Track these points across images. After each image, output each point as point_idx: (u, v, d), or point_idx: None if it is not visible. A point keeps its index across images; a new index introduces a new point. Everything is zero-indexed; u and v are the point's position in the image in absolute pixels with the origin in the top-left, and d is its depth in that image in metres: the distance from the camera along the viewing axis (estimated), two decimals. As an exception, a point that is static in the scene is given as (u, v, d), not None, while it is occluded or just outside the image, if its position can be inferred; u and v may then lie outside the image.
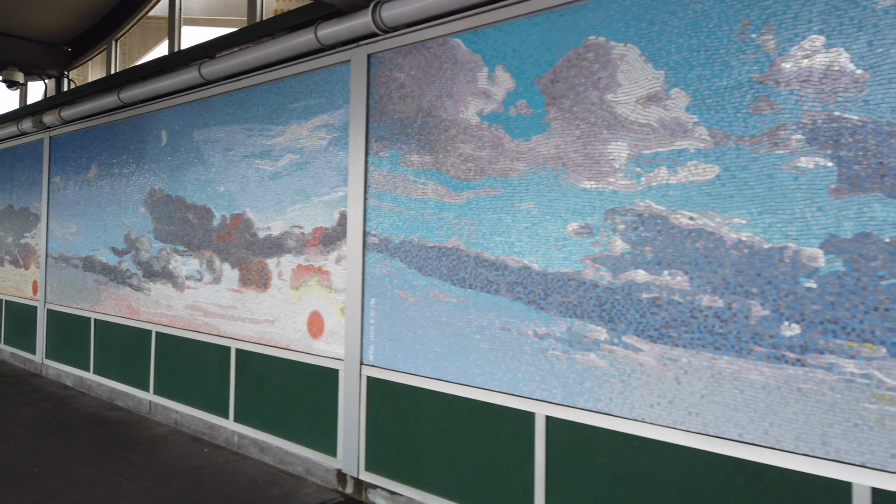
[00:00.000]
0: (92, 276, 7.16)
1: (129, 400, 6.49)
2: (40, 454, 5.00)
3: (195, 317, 5.73)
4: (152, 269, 6.27)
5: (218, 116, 5.58)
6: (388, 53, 4.20)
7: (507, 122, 3.55)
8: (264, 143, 5.12)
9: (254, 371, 5.13)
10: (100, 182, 7.11)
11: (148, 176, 6.39)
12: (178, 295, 5.94)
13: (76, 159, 7.55)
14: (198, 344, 5.68)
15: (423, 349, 3.92)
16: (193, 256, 5.77)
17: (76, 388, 7.33)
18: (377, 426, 4.17)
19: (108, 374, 6.84)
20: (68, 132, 7.72)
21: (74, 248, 7.51)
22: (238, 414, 5.24)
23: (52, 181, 8.00)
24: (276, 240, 4.97)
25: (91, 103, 7.01)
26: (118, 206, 6.80)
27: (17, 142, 8.80)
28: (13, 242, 8.88)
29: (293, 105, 4.88)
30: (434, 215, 3.89)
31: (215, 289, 5.52)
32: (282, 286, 4.91)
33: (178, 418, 5.87)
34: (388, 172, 4.17)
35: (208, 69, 5.44)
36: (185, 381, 5.81)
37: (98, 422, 5.99)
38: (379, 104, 4.25)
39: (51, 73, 8.20)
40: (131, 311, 6.54)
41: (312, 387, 4.63)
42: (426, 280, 3.92)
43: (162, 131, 6.24)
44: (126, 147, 6.72)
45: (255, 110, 5.21)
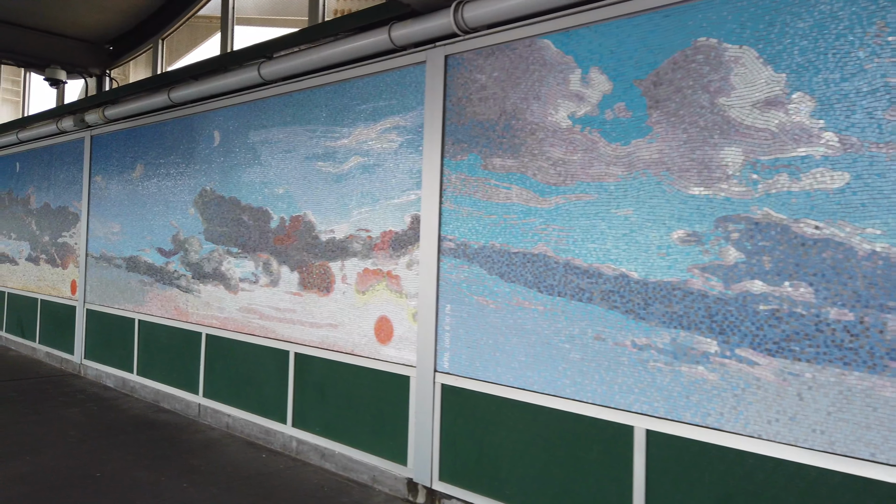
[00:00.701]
0: (136, 277, 7.10)
1: (176, 402, 6.42)
2: (98, 457, 4.93)
3: (250, 320, 5.65)
4: (203, 270, 6.20)
5: (276, 117, 5.50)
6: (468, 55, 4.11)
7: (602, 125, 3.45)
8: (328, 144, 5.03)
9: (314, 376, 5.04)
10: (145, 182, 7.05)
11: (198, 176, 6.32)
12: (230, 297, 5.86)
13: (119, 158, 7.50)
14: (252, 347, 5.60)
15: (506, 357, 3.82)
16: (248, 258, 5.70)
17: (118, 389, 7.27)
18: (452, 435, 4.07)
19: (153, 376, 6.77)
20: (111, 131, 7.67)
21: (117, 247, 7.46)
22: (297, 419, 5.16)
23: (94, 180, 7.96)
24: (340, 243, 4.89)
25: (138, 102, 6.96)
26: (165, 206, 6.74)
27: (55, 140, 8.77)
28: (50, 241, 8.85)
29: (360, 107, 4.79)
30: (519, 220, 3.79)
31: (272, 292, 5.44)
32: (346, 290, 4.82)
33: (229, 422, 5.79)
34: (466, 176, 4.08)
35: (268, 69, 5.37)
36: (238, 385, 5.73)
37: (147, 424, 5.92)
38: (457, 106, 4.15)
39: (92, 72, 8.16)
40: (179, 313, 6.48)
41: (380, 393, 4.53)
42: (509, 287, 3.82)
43: (214, 131, 6.17)
44: (175, 147, 6.66)
45: (318, 112, 5.13)
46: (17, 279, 9.66)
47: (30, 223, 9.38)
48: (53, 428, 5.68)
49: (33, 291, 9.17)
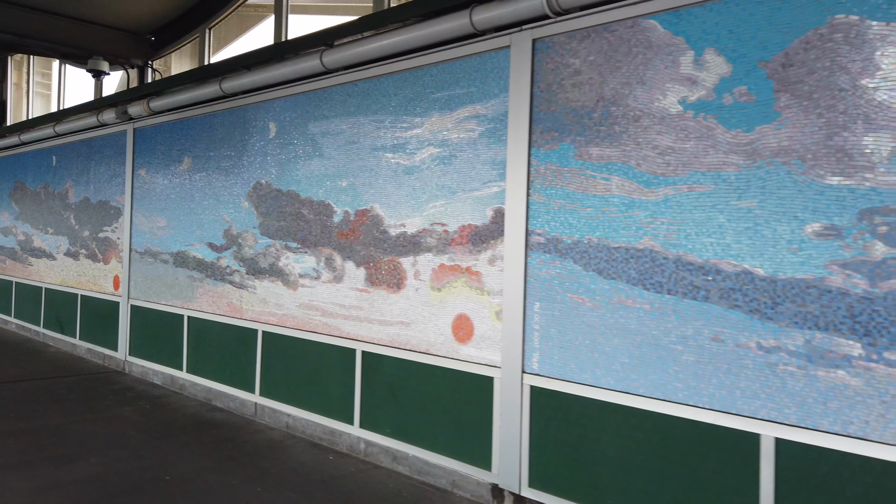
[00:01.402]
0: (184, 272, 6.96)
1: (230, 401, 6.28)
2: (163, 459, 4.79)
3: (311, 317, 5.48)
4: (258, 266, 6.04)
5: (339, 107, 5.31)
6: (559, 38, 3.89)
7: (719, 110, 3.22)
8: (397, 135, 4.83)
9: (384, 375, 4.86)
10: (194, 175, 6.90)
11: (253, 169, 6.15)
12: (289, 293, 5.70)
13: (165, 151, 7.35)
14: (314, 345, 5.43)
15: (605, 359, 3.61)
16: (309, 254, 5.52)
17: (167, 386, 7.15)
18: (543, 440, 3.88)
19: (204, 374, 6.64)
20: (155, 123, 7.52)
21: (163, 242, 7.32)
22: (365, 420, 4.99)
23: (137, 174, 7.82)
24: (411, 238, 4.70)
25: (185, 94, 6.79)
26: (216, 199, 6.58)
27: (95, 133, 8.64)
28: (90, 236, 8.74)
29: (434, 95, 4.58)
30: (620, 213, 3.57)
31: (336, 288, 5.26)
32: (419, 287, 4.63)
33: (289, 422, 5.63)
34: (557, 167, 3.86)
35: (331, 57, 5.17)
36: (299, 384, 5.57)
37: (204, 423, 5.78)
38: (546, 93, 3.93)
39: (135, 63, 8.01)
40: (232, 310, 6.32)
41: (459, 395, 4.35)
42: (608, 284, 3.61)
43: (270, 123, 5.99)
44: (226, 139, 6.49)
45: (386, 101, 4.93)
46: (54, 274, 9.58)
47: (68, 218, 9.28)
48: (112, 427, 5.55)
49: (73, 287, 9.08)
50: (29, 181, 10.51)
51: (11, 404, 6.17)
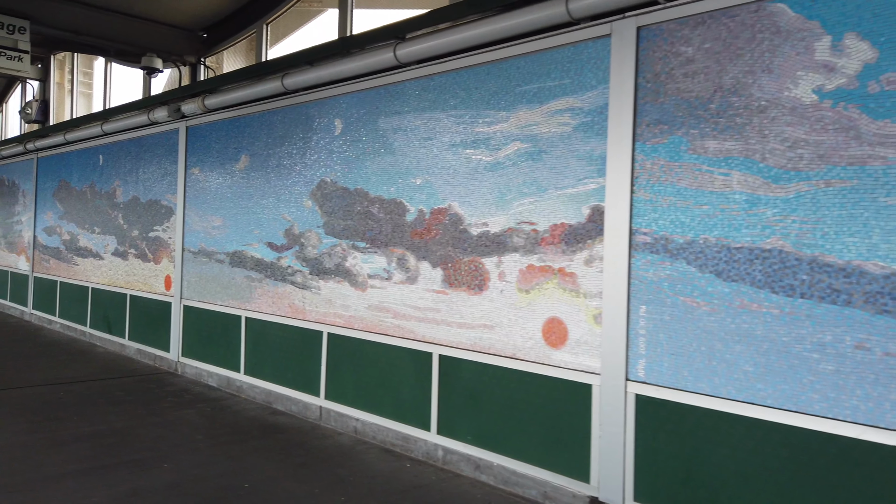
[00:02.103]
0: (242, 273, 6.84)
1: (293, 404, 6.14)
2: (238, 466, 4.64)
3: (381, 319, 5.31)
4: (322, 266, 5.88)
5: (413, 102, 5.13)
6: (668, 25, 3.66)
7: (863, 99, 2.98)
8: (479, 130, 4.64)
9: (464, 380, 4.67)
10: (252, 173, 6.77)
11: (316, 167, 6.00)
12: (357, 294, 5.53)
13: (221, 150, 7.24)
14: (385, 348, 5.26)
15: (725, 367, 3.38)
16: (379, 254, 5.35)
17: (222, 388, 7.03)
18: (651, 452, 3.66)
19: (264, 376, 6.50)
20: (210, 121, 7.41)
21: (219, 242, 7.21)
22: (442, 426, 4.80)
23: (190, 172, 7.72)
24: (495, 237, 4.50)
25: (243, 90, 6.67)
26: (276, 198, 6.44)
27: (145, 132, 8.57)
28: (139, 236, 8.67)
29: (521, 88, 4.38)
30: (742, 211, 3.34)
31: (410, 289, 5.08)
32: (504, 288, 4.43)
33: (358, 426, 5.47)
34: (666, 161, 3.64)
35: (406, 51, 4.99)
36: (368, 387, 5.40)
37: (269, 428, 5.64)
38: (653, 83, 3.71)
39: (187, 60, 7.92)
40: (294, 311, 6.18)
41: (552, 402, 4.14)
42: (728, 286, 3.37)
43: (335, 119, 5.83)
44: (287, 137, 6.35)
45: (465, 95, 4.74)
46: (102, 274, 9.54)
47: (116, 217, 9.23)
48: (177, 431, 5.43)
49: (121, 287, 9.02)
50: (74, 181, 10.51)
51: (72, 406, 6.09)
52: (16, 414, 5.76)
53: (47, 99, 11.70)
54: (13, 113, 15.32)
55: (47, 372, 7.58)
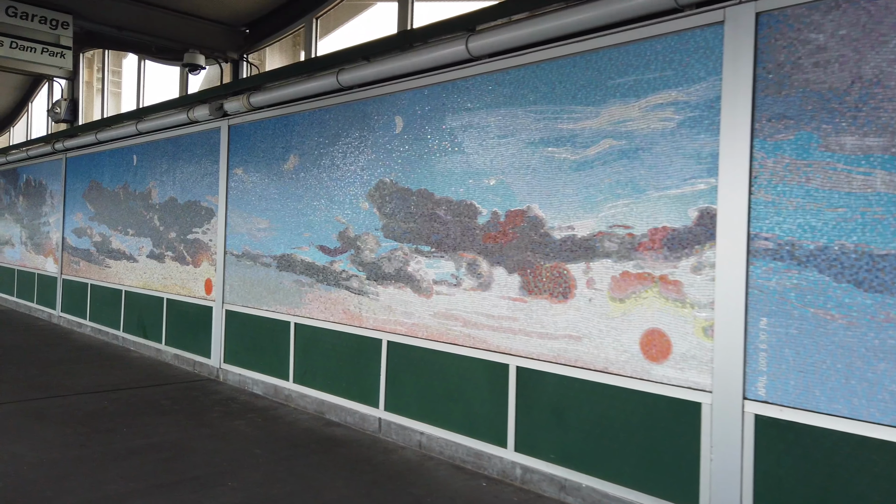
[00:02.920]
0: (291, 277, 6.57)
1: (348, 415, 5.86)
2: (305, 484, 4.37)
3: (449, 327, 5.02)
4: (381, 271, 5.60)
5: (485, 98, 4.83)
6: (794, 10, 3.34)
7: None
8: (563, 127, 4.34)
9: (546, 394, 4.37)
10: (301, 174, 6.50)
11: (374, 167, 5.72)
12: (421, 301, 5.24)
13: (267, 149, 6.98)
14: (454, 358, 4.97)
15: (866, 387, 3.06)
16: (446, 258, 5.06)
17: (269, 397, 6.77)
18: (774, 479, 3.34)
19: (315, 385, 6.23)
20: (254, 120, 7.16)
21: (265, 245, 6.95)
22: (521, 443, 4.50)
23: (233, 173, 7.47)
24: (583, 242, 4.19)
25: (293, 87, 6.40)
26: (329, 200, 6.17)
27: (183, 131, 8.34)
28: (177, 238, 8.43)
29: (614, 81, 4.08)
30: (889, 214, 3.02)
31: (482, 296, 4.79)
32: (594, 297, 4.12)
33: (423, 441, 5.18)
34: (792, 160, 3.32)
35: (478, 43, 4.70)
36: (434, 400, 5.11)
37: (326, 440, 5.36)
38: (776, 74, 3.39)
39: (230, 57, 7.68)
40: (349, 317, 5.90)
41: (651, 420, 3.83)
42: (871, 298, 3.05)
43: (396, 117, 5.55)
44: (341, 135, 6.08)
45: (547, 89, 4.44)
46: (136, 277, 9.32)
47: (151, 219, 9.01)
48: (232, 444, 5.17)
49: (157, 290, 8.79)
50: (106, 181, 10.30)
51: (119, 416, 5.84)
52: (64, 424, 5.51)
53: (76, 98, 11.52)
54: (38, 112, 15.20)
55: (86, 378, 7.35)
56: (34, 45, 6.60)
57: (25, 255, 13.34)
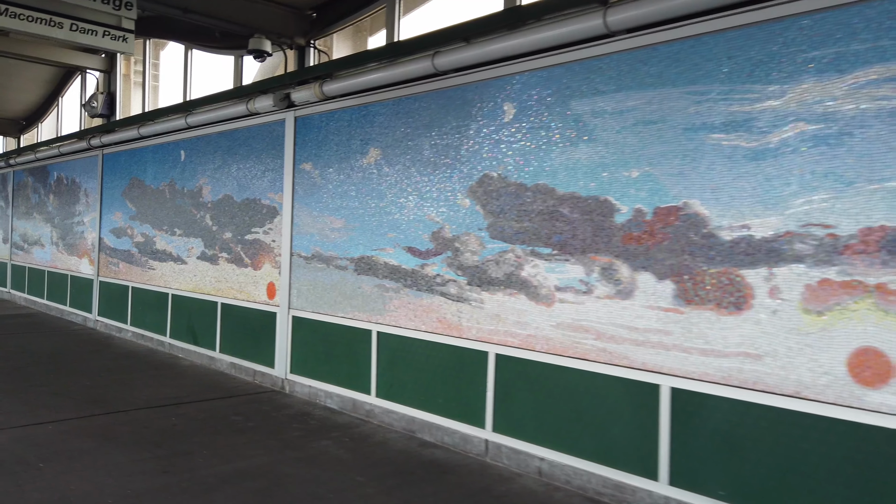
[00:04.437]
0: (372, 281, 6.00)
1: (445, 435, 5.28)
2: (431, 523, 3.80)
3: (577, 340, 4.43)
4: (486, 275, 5.02)
5: (625, 79, 4.24)
6: None
7: None
8: (734, 110, 3.74)
9: (712, 421, 3.77)
10: (384, 168, 5.93)
11: (476, 160, 5.14)
12: (539, 310, 4.66)
13: (341, 142, 6.41)
14: (583, 375, 4.38)
15: None
16: (572, 262, 4.47)
17: (347, 412, 6.20)
18: None
19: (403, 400, 5.65)
20: (326, 110, 6.59)
21: (339, 246, 6.38)
22: (677, 475, 3.90)
23: (300, 168, 6.91)
24: (762, 243, 3.59)
25: (376, 74, 5.83)
26: (419, 196, 5.59)
27: (240, 124, 7.79)
28: (233, 238, 7.88)
29: (807, 54, 3.47)
30: None
31: (621, 306, 4.20)
32: (779, 308, 3.52)
33: (543, 467, 4.59)
34: None
35: (622, 16, 4.09)
36: (558, 421, 4.52)
37: (430, 465, 4.79)
38: None
39: (297, 42, 7.11)
40: (446, 326, 5.32)
41: (864, 456, 3.22)
42: None
43: (505, 104, 4.96)
44: (433, 126, 5.50)
45: (712, 66, 3.84)
46: (185, 280, 8.78)
47: (203, 218, 8.46)
48: (329, 470, 4.60)
49: (210, 294, 8.25)
50: (149, 178, 9.77)
51: (192, 435, 5.29)
52: (136, 445, 4.96)
53: (114, 91, 11.01)
54: (69, 107, 14.72)
55: (143, 390, 6.81)
56: (95, 28, 6.08)
57: (57, 256, 12.84)
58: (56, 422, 5.51)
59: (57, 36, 6.00)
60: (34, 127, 16.39)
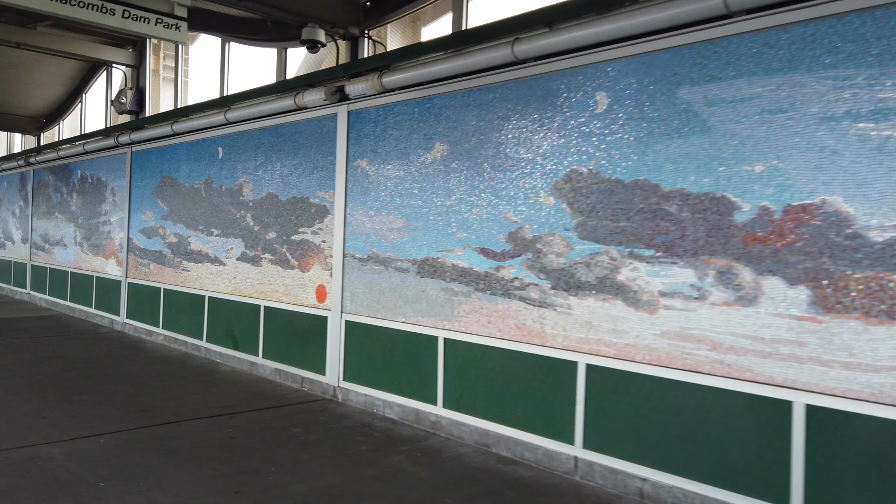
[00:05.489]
0: (438, 284, 5.63)
1: (526, 450, 4.90)
2: (543, 554, 3.43)
3: (688, 351, 4.05)
4: (575, 279, 4.65)
5: (746, 64, 3.86)
6: None
7: None
8: (884, 96, 3.35)
9: (859, 443, 3.38)
10: (452, 164, 5.56)
11: (563, 154, 4.76)
12: (640, 317, 4.28)
13: (402, 137, 6.05)
14: (695, 389, 4.00)
15: None
16: (681, 265, 4.09)
17: (410, 423, 5.83)
18: None
19: (474, 412, 5.28)
20: (384, 104, 6.23)
21: (399, 247, 6.02)
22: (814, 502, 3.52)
23: (354, 165, 6.55)
24: (923, 245, 3.21)
25: (445, 64, 5.47)
26: (493, 194, 5.22)
27: (285, 119, 7.44)
28: (278, 238, 7.53)
29: (981, 32, 3.09)
30: None
31: (742, 313, 3.81)
32: (945, 318, 3.14)
33: (646, 489, 4.21)
34: None
35: (747, -7, 3.72)
36: (663, 439, 4.14)
37: (516, 485, 4.41)
38: None
39: (351, 32, 6.75)
40: (526, 334, 4.95)
41: None
42: None
43: (597, 93, 4.59)
44: (510, 118, 5.13)
45: (856, 49, 3.45)
46: (222, 282, 8.43)
47: (243, 217, 8.11)
48: (412, 490, 4.23)
49: (252, 297, 7.89)
50: (182, 176, 9.43)
51: (254, 449, 4.93)
52: (198, 462, 4.61)
53: (143, 87, 10.68)
54: (93, 104, 14.41)
55: (189, 398, 6.46)
56: (148, 16, 5.75)
57: (81, 257, 12.53)
58: (106, 434, 5.16)
59: (109, 23, 5.67)
60: (55, 124, 16.10)
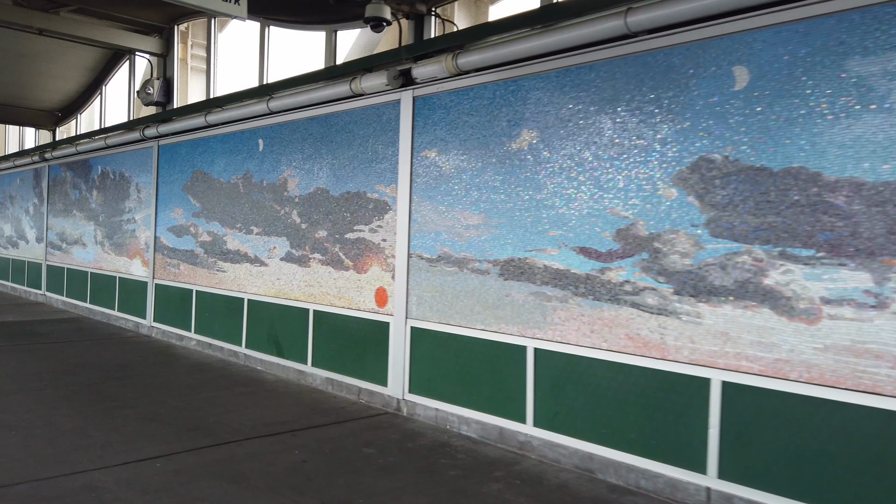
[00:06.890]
0: (525, 288, 5.03)
1: (642, 478, 4.30)
2: None
3: (862, 368, 3.44)
4: (706, 283, 4.04)
5: (942, 27, 3.25)
6: None
7: None
8: None
9: None
10: (542, 153, 4.96)
11: (688, 139, 4.16)
12: (795, 328, 3.67)
13: (479, 124, 5.45)
14: (878, 415, 3.38)
15: None
16: (851, 267, 3.48)
17: (493, 443, 5.23)
18: None
19: (574, 433, 4.68)
20: (456, 88, 5.63)
21: (477, 246, 5.41)
22: None
23: (421, 156, 5.95)
24: None
25: (536, 41, 4.86)
26: (596, 186, 4.62)
27: (336, 108, 6.84)
28: (329, 237, 6.94)
29: None
30: None
31: (939, 325, 3.21)
32: None
33: (804, 530, 3.62)
34: None
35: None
36: (827, 473, 3.53)
37: (645, 522, 3.82)
38: None
39: (417, 10, 6.14)
40: (641, 345, 4.35)
41: None
42: None
43: (734, 68, 3.98)
44: (618, 99, 4.52)
45: None
46: (264, 284, 7.84)
47: (288, 214, 7.52)
48: (530, 531, 3.64)
49: (298, 300, 7.30)
50: (217, 171, 8.84)
51: (332, 476, 4.34)
52: (274, 493, 4.01)
53: (171, 77, 10.10)
54: (114, 96, 13.81)
55: (240, 412, 5.88)
56: (206, -14, 5.18)
57: (102, 257, 11.96)
58: (163, 457, 4.58)
59: (165, -4, 5.07)
60: (72, 118, 15.51)
